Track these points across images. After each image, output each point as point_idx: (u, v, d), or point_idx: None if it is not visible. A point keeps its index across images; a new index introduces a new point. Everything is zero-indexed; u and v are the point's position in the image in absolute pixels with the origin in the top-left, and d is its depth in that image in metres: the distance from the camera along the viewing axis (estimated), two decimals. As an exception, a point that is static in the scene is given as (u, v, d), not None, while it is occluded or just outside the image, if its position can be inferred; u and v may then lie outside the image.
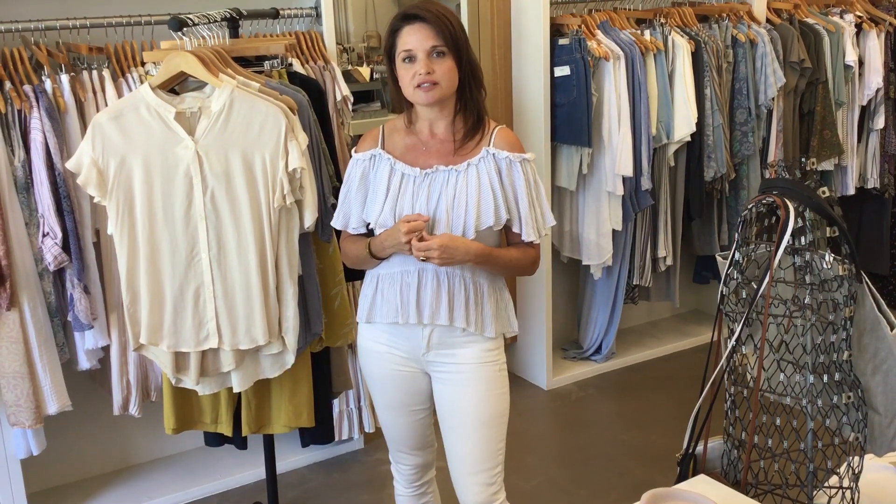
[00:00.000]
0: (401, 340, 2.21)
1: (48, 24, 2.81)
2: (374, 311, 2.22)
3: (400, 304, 2.15)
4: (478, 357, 2.18)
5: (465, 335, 2.17)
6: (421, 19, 2.06)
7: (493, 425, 2.21)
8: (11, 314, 2.73)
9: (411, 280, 2.13)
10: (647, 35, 3.90)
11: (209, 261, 2.40)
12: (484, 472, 2.22)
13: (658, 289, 4.37)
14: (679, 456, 2.17)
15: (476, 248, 2.08)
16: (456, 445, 2.23)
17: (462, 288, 2.13)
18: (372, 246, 2.16)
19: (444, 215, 2.09)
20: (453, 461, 2.25)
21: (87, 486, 3.33)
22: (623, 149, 3.79)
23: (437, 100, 2.09)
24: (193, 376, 2.49)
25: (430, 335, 2.16)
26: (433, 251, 2.03)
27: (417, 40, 2.06)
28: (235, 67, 2.50)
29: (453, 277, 2.12)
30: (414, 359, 2.22)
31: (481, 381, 2.19)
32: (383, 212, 2.13)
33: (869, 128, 4.59)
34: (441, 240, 2.04)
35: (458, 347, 2.18)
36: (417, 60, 2.06)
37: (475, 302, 2.14)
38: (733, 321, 2.07)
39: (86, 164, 2.34)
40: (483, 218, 2.09)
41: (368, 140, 2.22)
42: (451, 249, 2.04)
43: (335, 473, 3.45)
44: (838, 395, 1.96)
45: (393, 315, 2.17)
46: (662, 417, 3.81)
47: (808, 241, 1.95)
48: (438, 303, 2.12)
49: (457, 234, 2.08)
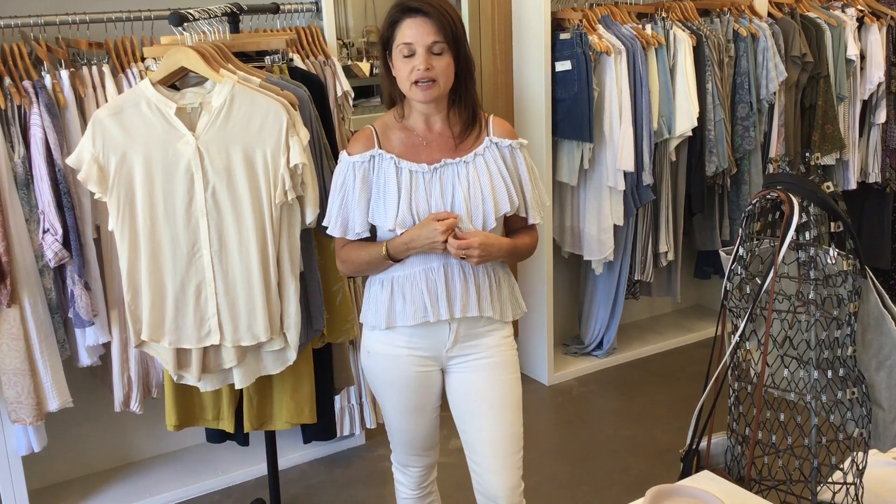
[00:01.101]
0: (423, 340, 2.17)
1: (48, 20, 2.80)
2: (395, 316, 2.15)
3: (429, 303, 2.11)
4: (500, 343, 2.21)
5: (489, 324, 2.18)
6: (423, 13, 2.04)
7: (517, 409, 2.24)
8: (12, 311, 2.72)
9: (436, 276, 2.11)
10: (648, 29, 3.88)
11: (210, 257, 2.39)
12: (514, 454, 2.22)
13: (659, 284, 4.36)
14: (682, 452, 2.16)
15: (507, 244, 2.13)
16: (482, 431, 2.21)
17: (486, 278, 2.15)
18: (391, 248, 2.10)
19: (463, 207, 2.08)
20: (480, 447, 2.21)
21: (89, 483, 3.33)
22: (624, 144, 3.78)
23: (434, 98, 2.09)
24: (195, 373, 2.48)
25: (458, 329, 2.16)
26: (473, 249, 2.03)
27: (418, 34, 2.03)
28: (236, 63, 2.49)
29: (477, 269, 2.13)
30: (435, 357, 2.20)
31: (507, 365, 2.21)
32: (400, 211, 2.08)
33: (870, 122, 4.58)
34: (479, 238, 2.04)
35: (481, 337, 2.19)
36: (416, 55, 2.04)
37: (497, 288, 2.17)
38: (737, 317, 2.06)
39: (86, 161, 2.33)
40: (500, 205, 2.10)
41: (361, 141, 2.15)
42: (488, 247, 2.06)
43: (336, 469, 3.45)
44: (842, 390, 1.96)
45: (422, 315, 2.13)
46: (663, 413, 3.81)
47: (813, 236, 1.94)
48: (468, 295, 2.12)
49: (477, 224, 2.09)
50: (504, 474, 2.20)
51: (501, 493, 2.20)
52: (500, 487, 2.20)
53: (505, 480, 2.20)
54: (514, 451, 2.22)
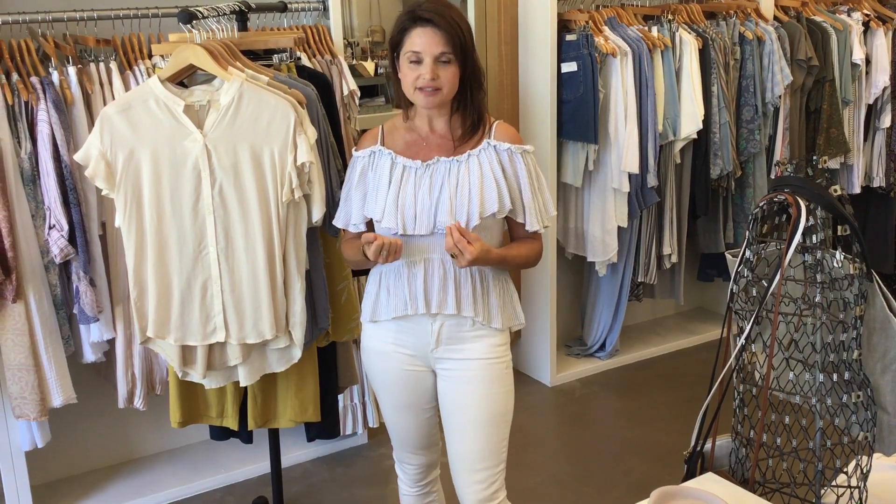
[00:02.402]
0: (408, 337, 2.19)
1: (55, 16, 2.80)
2: (379, 308, 2.20)
3: (409, 295, 2.14)
4: (486, 352, 2.17)
5: (475, 329, 2.16)
6: (433, 24, 2.04)
7: (497, 424, 2.20)
8: (17, 306, 2.72)
9: (417, 270, 2.13)
10: (654, 32, 3.89)
11: (217, 254, 2.39)
12: (484, 470, 2.20)
13: (663, 286, 4.36)
14: (687, 453, 2.16)
15: (496, 255, 2.10)
16: (458, 443, 2.22)
17: (468, 278, 2.13)
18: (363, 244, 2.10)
19: (448, 203, 2.09)
20: (454, 459, 2.24)
21: (92, 479, 3.33)
22: (629, 145, 3.78)
23: (437, 105, 2.11)
24: (200, 370, 2.48)
25: (440, 329, 2.15)
26: (465, 256, 2.01)
27: (426, 44, 2.05)
28: (244, 61, 2.50)
29: (459, 268, 2.12)
30: (421, 356, 2.21)
31: (487, 379, 2.18)
32: (387, 204, 2.12)
33: (875, 126, 4.59)
34: (476, 251, 2.01)
35: (467, 342, 2.17)
36: (423, 64, 2.05)
37: (482, 292, 2.15)
38: (743, 319, 2.06)
39: (94, 157, 2.34)
40: (487, 205, 2.09)
41: (369, 138, 2.22)
42: (479, 261, 2.05)
43: (339, 468, 3.45)
44: (847, 394, 1.96)
45: (402, 307, 2.15)
46: (666, 415, 3.81)
47: (820, 239, 1.94)
48: (445, 292, 2.12)
49: (461, 220, 2.08)
50: (473, 488, 2.21)
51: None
52: (469, 500, 2.23)
53: (473, 494, 2.21)
54: (486, 467, 2.20)
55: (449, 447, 2.25)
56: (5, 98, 2.67)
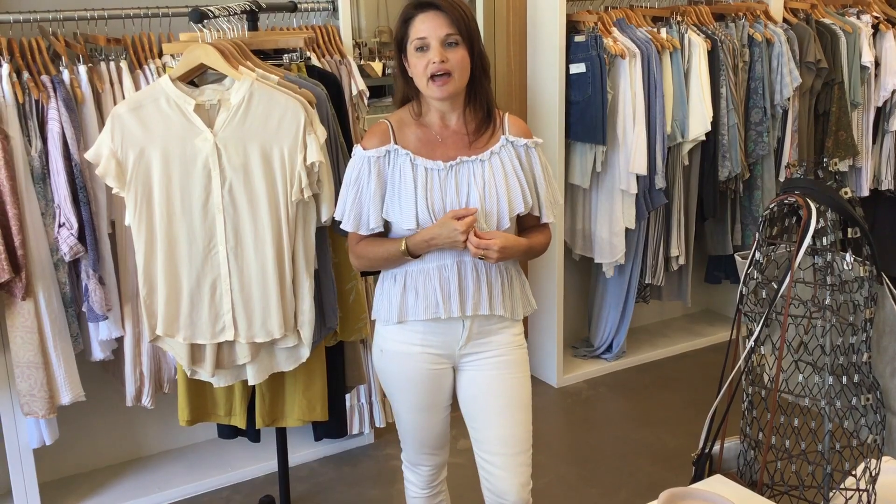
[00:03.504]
0: (436, 337, 2.18)
1: (66, 15, 2.82)
2: (407, 310, 2.15)
3: (441, 299, 2.12)
4: (511, 340, 2.22)
5: (501, 322, 2.19)
6: (435, 7, 2.05)
7: (527, 408, 2.25)
8: (26, 304, 2.73)
9: (450, 274, 2.12)
10: (663, 33, 3.89)
11: (226, 253, 2.40)
12: (523, 452, 2.23)
13: (670, 288, 4.36)
14: (695, 455, 2.16)
15: (524, 244, 2.15)
16: (496, 428, 2.21)
17: (498, 276, 2.16)
18: (411, 245, 2.09)
19: (479, 205, 2.09)
20: (493, 445, 2.21)
21: (99, 477, 3.34)
22: (637, 147, 3.78)
23: (451, 94, 2.09)
24: (209, 368, 2.49)
25: (471, 326, 2.17)
26: (492, 251, 2.03)
27: (431, 28, 2.04)
28: (255, 60, 2.50)
29: (490, 267, 2.14)
30: (448, 355, 2.21)
31: (517, 364, 2.23)
32: (418, 208, 2.08)
33: (884, 129, 4.58)
34: (500, 241, 2.04)
35: (494, 335, 2.20)
36: (431, 49, 2.04)
37: (508, 288, 2.18)
38: (752, 321, 2.06)
39: (105, 155, 2.35)
40: (514, 204, 2.11)
41: (377, 136, 2.13)
42: (508, 249, 2.07)
43: (345, 467, 3.45)
44: (857, 396, 1.95)
45: (434, 310, 2.13)
46: (673, 417, 3.81)
47: (830, 241, 1.94)
48: (480, 293, 2.13)
49: (491, 222, 2.10)
50: (514, 471, 2.21)
51: (511, 490, 2.21)
52: (510, 484, 2.21)
53: (515, 477, 2.21)
54: (523, 450, 2.23)
55: (483, 434, 2.23)
56: (16, 96, 2.68)
